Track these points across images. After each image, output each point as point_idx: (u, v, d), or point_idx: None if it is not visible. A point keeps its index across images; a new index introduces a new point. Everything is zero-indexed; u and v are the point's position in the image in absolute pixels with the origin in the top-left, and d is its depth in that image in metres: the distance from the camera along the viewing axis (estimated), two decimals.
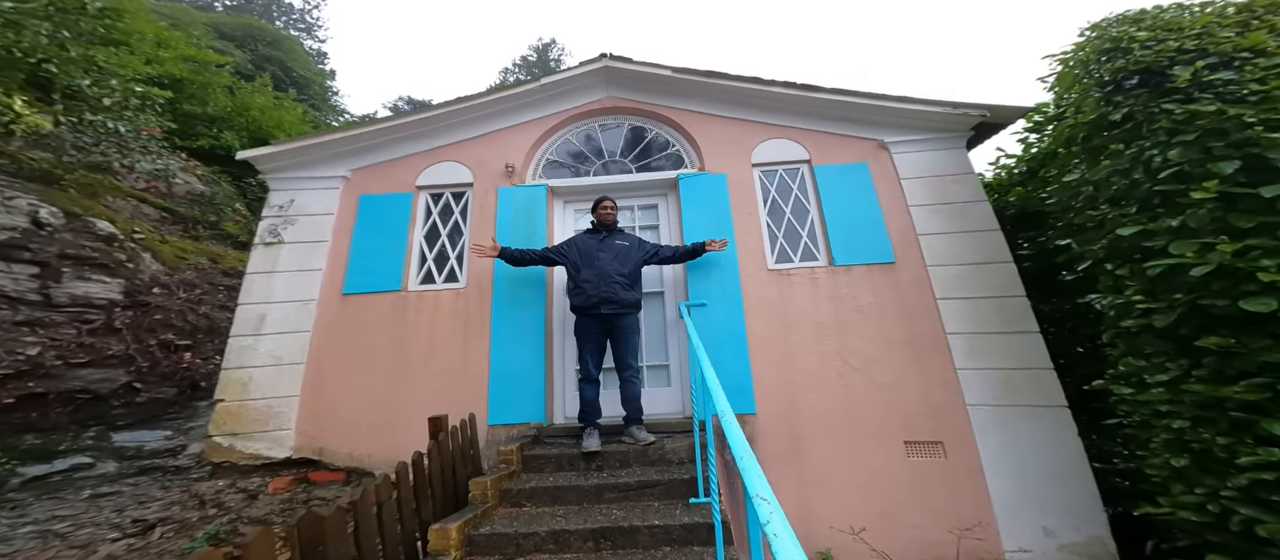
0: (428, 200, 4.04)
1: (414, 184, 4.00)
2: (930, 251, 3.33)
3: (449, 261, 3.87)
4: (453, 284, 3.78)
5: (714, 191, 3.81)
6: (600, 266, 3.15)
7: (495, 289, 3.69)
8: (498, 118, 4.17)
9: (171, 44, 8.07)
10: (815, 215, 3.69)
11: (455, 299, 3.67)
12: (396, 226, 3.83)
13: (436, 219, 3.99)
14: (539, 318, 3.60)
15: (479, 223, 3.88)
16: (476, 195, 3.97)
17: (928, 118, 3.59)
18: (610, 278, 3.12)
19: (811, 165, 3.78)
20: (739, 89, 3.88)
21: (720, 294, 3.54)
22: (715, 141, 3.98)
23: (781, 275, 3.54)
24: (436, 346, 3.55)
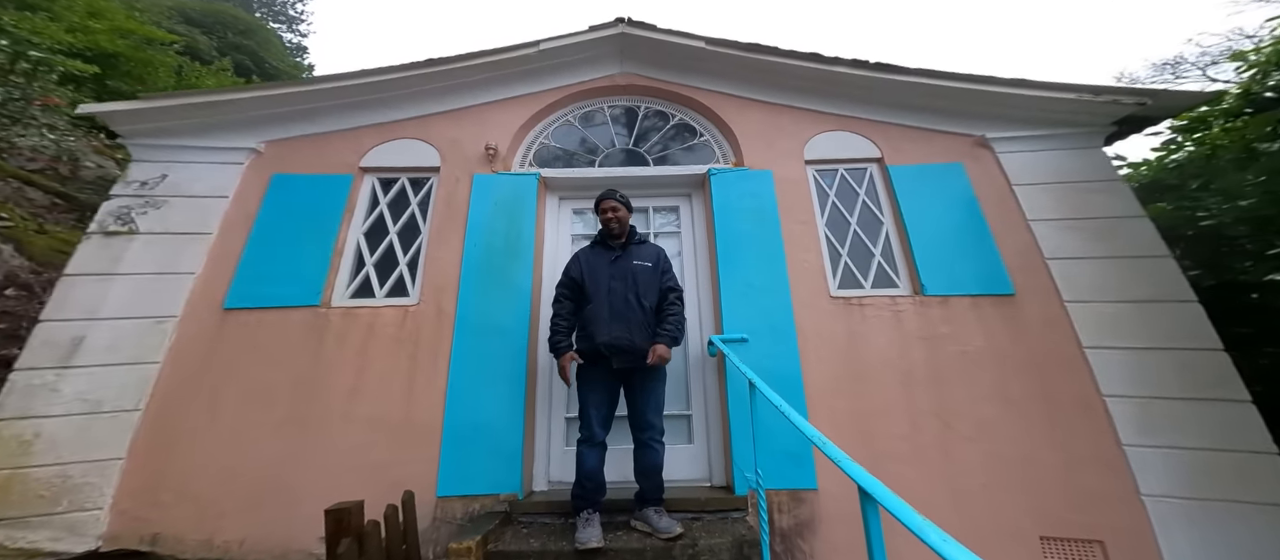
0: (374, 186, 3.04)
1: (357, 165, 3.00)
2: (1067, 281, 2.47)
3: (398, 268, 2.83)
4: (399, 299, 2.73)
5: (757, 192, 2.92)
6: (611, 298, 2.20)
7: (461, 306, 2.65)
8: (479, 89, 3.25)
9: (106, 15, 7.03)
10: (892, 228, 2.83)
11: (402, 320, 2.61)
12: (324, 218, 2.79)
13: (384, 211, 2.98)
14: (519, 347, 2.58)
15: (443, 219, 2.88)
16: (443, 183, 2.99)
17: (1052, 108, 2.79)
18: (625, 314, 2.17)
19: (884, 165, 2.95)
20: (790, 68, 3.08)
21: (766, 327, 2.59)
22: (757, 132, 3.13)
23: (849, 305, 2.62)
24: (367, 386, 2.46)
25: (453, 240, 2.81)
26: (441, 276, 2.72)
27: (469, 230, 2.83)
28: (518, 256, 2.80)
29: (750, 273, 2.73)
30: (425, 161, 3.06)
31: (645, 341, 2.14)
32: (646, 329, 2.17)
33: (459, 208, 2.90)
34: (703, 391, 2.73)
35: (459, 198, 2.93)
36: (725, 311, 2.65)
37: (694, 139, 3.31)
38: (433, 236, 2.83)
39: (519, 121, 3.22)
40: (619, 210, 2.36)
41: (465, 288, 2.70)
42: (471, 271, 2.75)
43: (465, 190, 2.96)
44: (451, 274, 2.73)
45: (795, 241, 2.79)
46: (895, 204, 2.82)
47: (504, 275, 2.75)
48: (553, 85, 3.33)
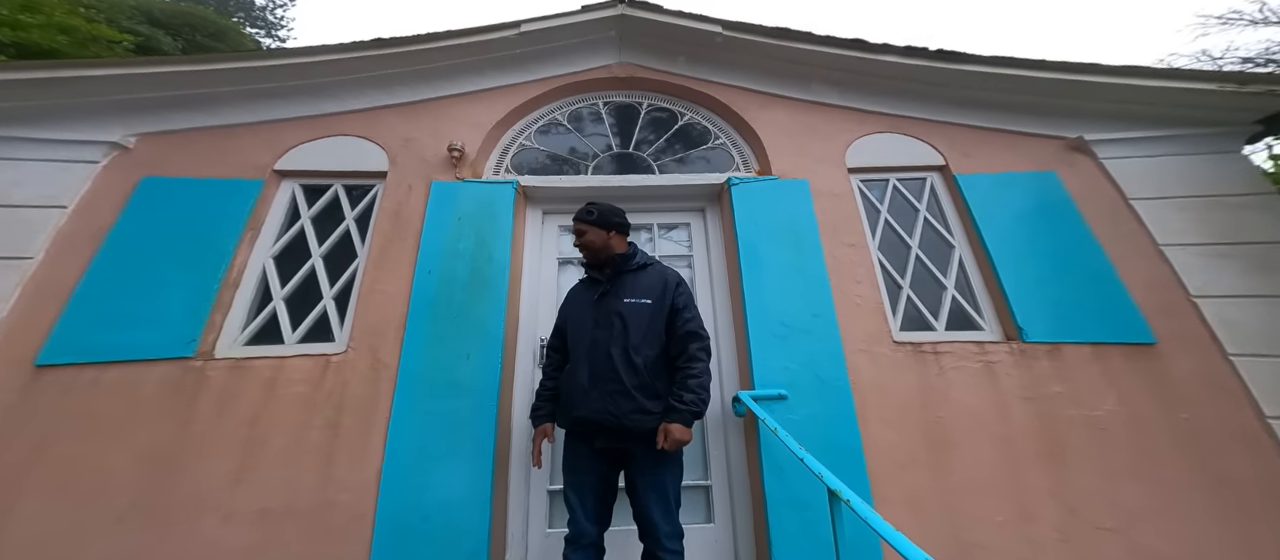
0: (296, 195, 2.36)
1: (271, 167, 2.32)
2: (1228, 328, 1.87)
3: (320, 303, 2.13)
4: (319, 345, 2.02)
5: (790, 206, 2.31)
6: (592, 355, 1.57)
7: (407, 356, 1.96)
8: (443, 79, 2.63)
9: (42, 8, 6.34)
10: (967, 254, 2.23)
11: (320, 375, 1.90)
12: (213, 237, 2.09)
13: (307, 226, 2.29)
14: (486, 409, 1.89)
15: (389, 238, 2.21)
16: (390, 193, 2.32)
17: (1176, 102, 2.23)
18: (606, 377, 1.52)
19: (949, 173, 2.37)
20: (826, 57, 2.52)
21: (810, 380, 1.94)
22: (786, 134, 2.54)
23: (920, 353, 1.98)
24: (261, 465, 1.74)
25: (399, 266, 2.13)
26: (381, 315, 2.03)
27: (422, 253, 2.16)
28: (486, 288, 2.12)
29: (786, 309, 2.09)
30: (368, 164, 2.39)
31: (639, 414, 1.47)
32: (642, 396, 1.48)
33: (410, 223, 2.23)
34: (725, 457, 2.04)
35: (411, 211, 2.26)
36: (755, 360, 1.99)
37: (707, 142, 2.71)
38: (372, 261, 2.14)
39: (494, 118, 2.59)
40: (587, 233, 1.69)
41: (414, 330, 2.01)
42: (423, 308, 2.06)
43: (420, 201, 2.29)
44: (395, 311, 2.04)
45: (843, 269, 2.17)
46: (970, 223, 2.22)
47: (468, 313, 2.06)
48: (537, 76, 2.73)
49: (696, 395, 1.49)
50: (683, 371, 1.54)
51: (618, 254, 1.70)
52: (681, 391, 1.49)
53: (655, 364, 1.55)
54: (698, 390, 1.50)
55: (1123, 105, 2.27)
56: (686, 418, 1.47)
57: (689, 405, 1.47)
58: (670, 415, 1.47)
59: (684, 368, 1.55)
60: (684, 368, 1.55)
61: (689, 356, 1.56)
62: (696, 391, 1.50)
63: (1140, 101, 2.24)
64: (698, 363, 1.56)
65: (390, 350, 1.96)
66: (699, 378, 1.53)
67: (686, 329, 1.60)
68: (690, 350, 1.57)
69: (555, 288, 2.39)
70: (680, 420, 1.46)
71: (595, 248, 1.69)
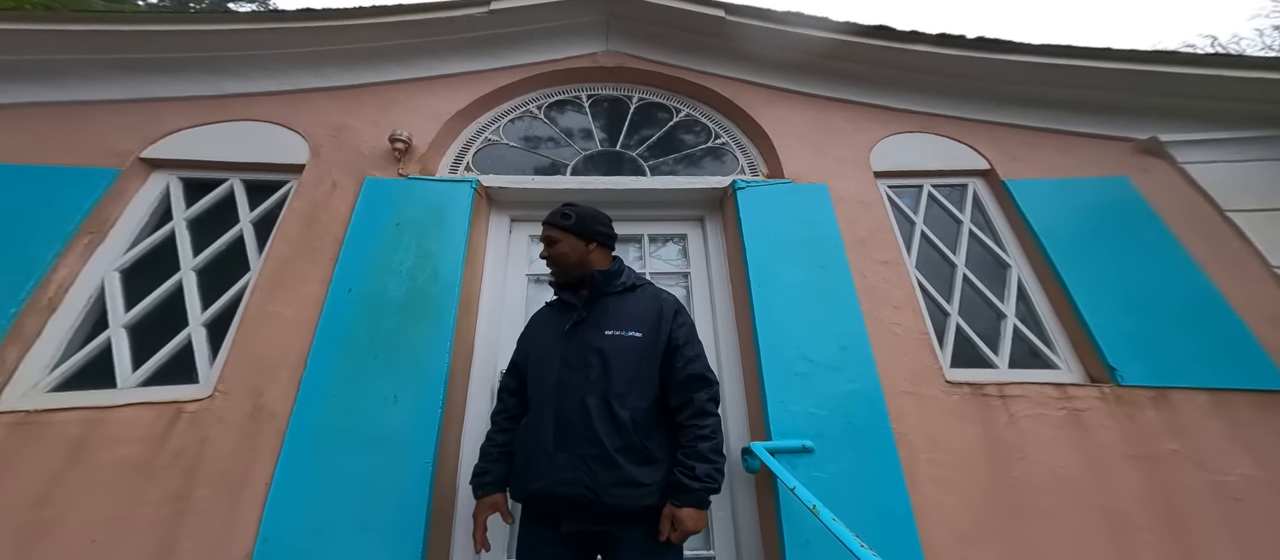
0: (171, 190, 1.86)
1: (136, 154, 1.83)
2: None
3: (185, 332, 1.61)
4: (173, 388, 1.50)
5: (808, 215, 1.91)
6: (560, 401, 1.14)
7: (304, 399, 1.46)
8: (390, 60, 2.21)
9: None
10: (1027, 274, 1.82)
11: (165, 429, 1.38)
12: (25, 243, 1.57)
13: (180, 231, 1.78)
14: (417, 467, 1.40)
15: (297, 247, 1.72)
16: (306, 189, 1.85)
17: (1276, 98, 1.88)
18: (577, 434, 1.09)
19: (997, 179, 1.99)
20: (846, 47, 2.18)
21: (841, 425, 1.49)
22: (799, 133, 2.17)
23: (982, 397, 1.55)
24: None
25: (307, 283, 1.64)
26: (273, 346, 1.53)
27: (341, 267, 1.68)
28: (428, 311, 1.64)
29: (808, 340, 1.65)
30: (280, 155, 1.92)
31: (625, 488, 1.04)
32: (628, 462, 1.06)
33: (328, 229, 1.75)
34: (732, 524, 1.57)
35: (331, 213, 1.79)
36: (771, 403, 1.53)
37: (707, 141, 2.32)
38: (269, 276, 1.65)
39: (453, 107, 2.17)
40: (558, 241, 1.29)
41: (319, 365, 1.51)
42: (335, 337, 1.57)
43: (346, 201, 1.82)
44: (295, 341, 1.54)
45: (876, 292, 1.75)
46: (1029, 237, 1.83)
47: (399, 344, 1.58)
48: (508, 63, 2.33)
49: (712, 465, 1.06)
50: (690, 431, 1.10)
51: (598, 271, 1.28)
52: (692, 461, 1.06)
53: (646, 418, 1.12)
54: (713, 457, 1.07)
55: (1207, 101, 1.94)
56: (701, 498, 1.03)
57: (704, 482, 1.04)
58: (677, 496, 1.04)
59: (691, 426, 1.10)
60: (691, 426, 1.10)
61: (696, 410, 1.12)
62: (712, 459, 1.06)
63: (1229, 97, 1.91)
64: (708, 418, 1.12)
65: (281, 392, 1.45)
66: (712, 440, 1.09)
67: (690, 372, 1.16)
68: (697, 401, 1.13)
69: (524, 312, 1.92)
70: (692, 502, 1.02)
71: (568, 263, 1.27)
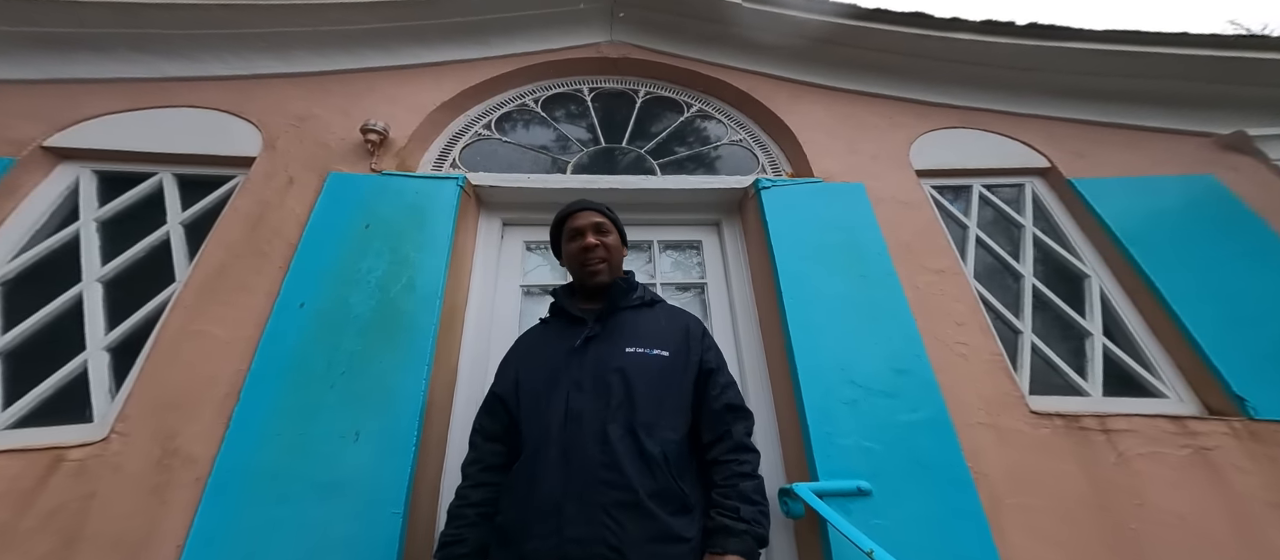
0: (82, 186, 1.56)
1: (37, 141, 1.53)
2: None
3: (81, 356, 1.29)
4: (57, 430, 1.19)
5: (843, 216, 1.64)
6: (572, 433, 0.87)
7: (233, 439, 1.15)
8: (366, 44, 1.97)
9: None
10: (1111, 285, 1.55)
11: (35, 484, 1.06)
12: None
13: (86, 234, 1.48)
14: (384, 519, 1.08)
15: (236, 253, 1.43)
16: (254, 186, 1.56)
17: None
18: (602, 475, 0.82)
19: (1060, 178, 1.75)
20: (877, 35, 1.97)
21: (903, 463, 1.20)
22: (827, 129, 1.93)
23: (1079, 431, 1.26)
24: None
25: (248, 296, 1.34)
26: (198, 372, 1.22)
27: (293, 276, 1.38)
28: (402, 329, 1.35)
29: (856, 363, 1.36)
30: (227, 147, 1.64)
31: (664, 544, 0.80)
32: (664, 510, 0.82)
33: (280, 232, 1.46)
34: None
35: (285, 213, 1.50)
36: (815, 436, 1.23)
37: (721, 139, 2.08)
38: (198, 288, 1.34)
39: (439, 98, 1.92)
40: (606, 230, 1.13)
41: (257, 396, 1.20)
42: (280, 360, 1.26)
43: (304, 199, 1.54)
44: (226, 366, 1.23)
45: (932, 306, 1.47)
46: (1109, 242, 1.57)
47: (364, 368, 1.28)
48: (502, 52, 2.10)
49: (757, 507, 0.86)
50: (728, 468, 0.89)
51: (620, 279, 1.10)
52: (735, 501, 0.84)
53: (679, 455, 0.89)
54: (757, 498, 0.87)
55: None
56: (749, 544, 0.81)
57: (750, 525, 0.82)
58: (720, 542, 0.81)
59: (729, 462, 0.90)
60: (729, 462, 0.90)
61: (735, 444, 0.92)
62: (756, 500, 0.86)
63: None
64: (749, 454, 0.92)
65: (203, 431, 1.13)
66: (755, 479, 0.89)
67: (726, 401, 0.95)
68: (735, 434, 0.92)
69: (517, 330, 1.62)
70: (740, 549, 0.80)
71: (615, 261, 1.11)
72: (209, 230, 1.45)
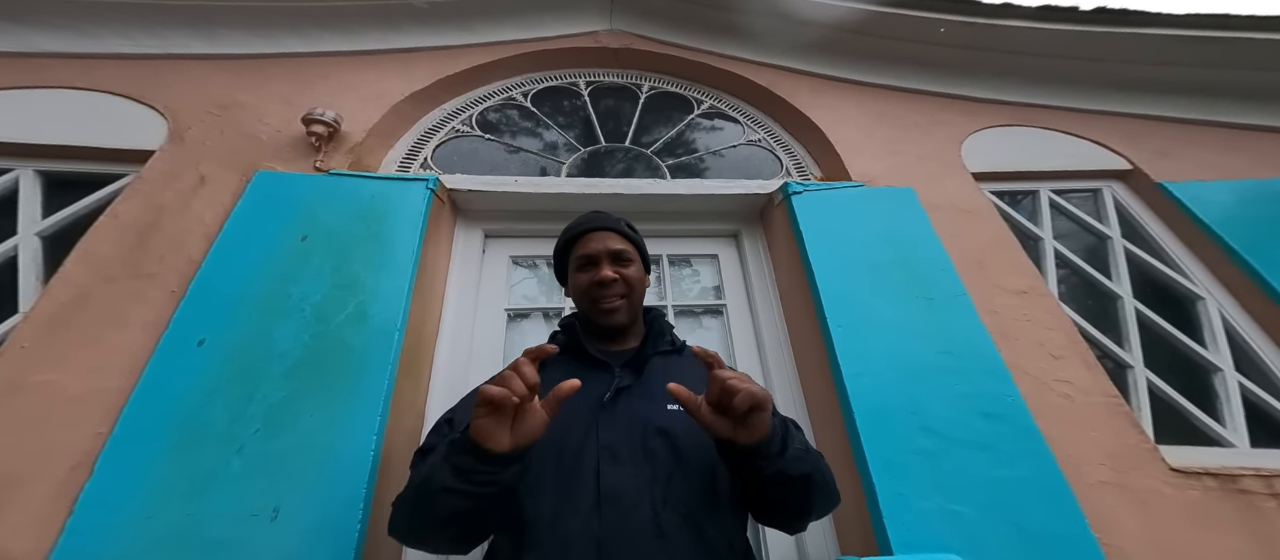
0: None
1: None
2: None
3: None
4: None
5: (892, 226, 1.36)
6: (611, 517, 0.58)
7: (75, 531, 0.81)
8: (319, 25, 1.66)
9: None
10: (1233, 310, 1.27)
11: None
12: None
13: None
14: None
15: (108, 275, 1.09)
16: (146, 188, 1.21)
17: None
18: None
19: (1148, 181, 1.49)
20: (917, 24, 1.73)
21: (1005, 531, 0.89)
22: (863, 127, 1.67)
23: (1239, 493, 0.96)
24: None
25: (120, 330, 1.00)
26: (29, 440, 0.87)
27: (191, 302, 1.05)
28: (345, 369, 1.03)
29: (927, 404, 1.06)
30: (114, 138, 1.30)
31: None
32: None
33: (180, 245, 1.13)
34: None
35: (189, 221, 1.17)
36: (882, 494, 0.93)
37: (738, 139, 1.81)
38: (47, 320, 1.00)
39: (408, 88, 1.62)
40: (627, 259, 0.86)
41: (118, 469, 0.87)
42: (161, 417, 0.93)
43: (218, 205, 1.21)
44: (76, 431, 0.89)
45: (1017, 333, 1.17)
46: (1222, 257, 1.29)
47: (286, 423, 0.95)
48: (486, 38, 1.83)
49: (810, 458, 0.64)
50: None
51: (654, 316, 0.88)
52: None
53: (747, 547, 0.68)
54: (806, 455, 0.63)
55: None
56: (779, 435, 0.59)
57: (794, 449, 0.60)
58: None
59: None
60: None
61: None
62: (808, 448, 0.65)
63: None
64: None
65: (32, 520, 0.79)
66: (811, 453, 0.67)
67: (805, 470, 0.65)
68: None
69: (502, 362, 1.31)
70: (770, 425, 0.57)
71: (637, 296, 0.86)
72: (66, 250, 1.10)
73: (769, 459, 0.57)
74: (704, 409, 0.57)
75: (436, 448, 0.69)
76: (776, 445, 0.58)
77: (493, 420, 0.50)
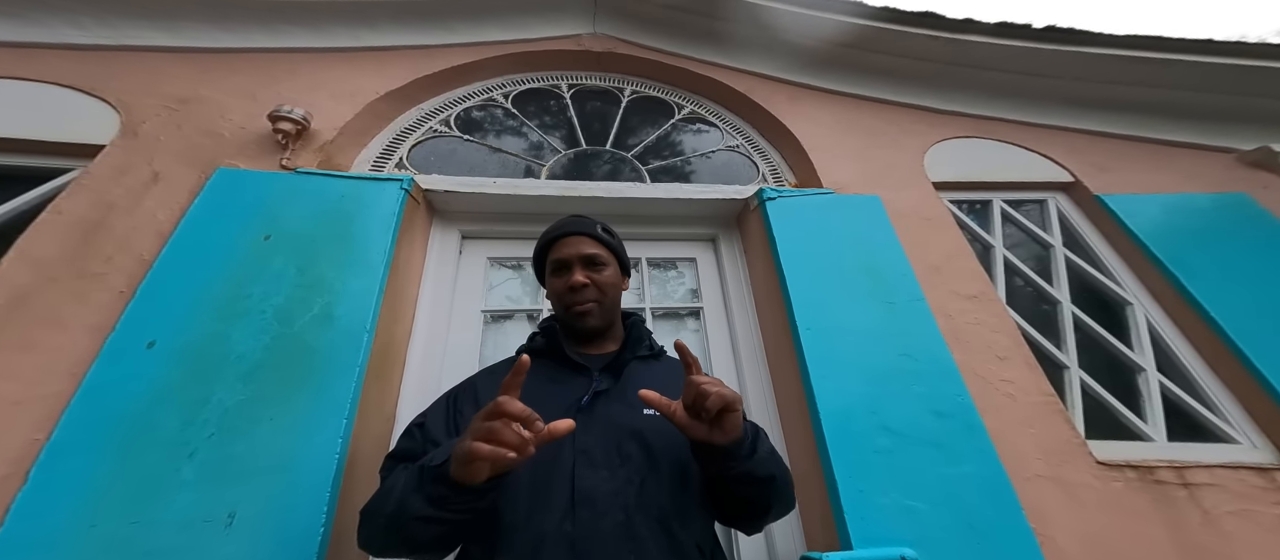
0: None
1: None
2: None
3: None
4: None
5: (861, 233, 1.44)
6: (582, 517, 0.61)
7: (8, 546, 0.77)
8: (290, 21, 1.62)
9: None
10: (1156, 314, 1.40)
11: None
12: None
13: None
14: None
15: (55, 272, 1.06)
16: (94, 183, 1.17)
17: None
18: None
19: (1088, 193, 1.61)
20: (886, 37, 1.80)
21: (952, 525, 0.97)
22: (832, 136, 1.74)
23: (1154, 484, 1.07)
24: None
25: (62, 332, 0.98)
26: None
27: (141, 302, 1.03)
28: (310, 372, 1.02)
29: (886, 404, 1.14)
30: (59, 131, 1.24)
31: None
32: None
33: (126, 246, 1.10)
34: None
35: (140, 219, 1.14)
36: (843, 491, 1.00)
37: (717, 145, 1.85)
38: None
39: (384, 86, 1.60)
40: (601, 263, 0.89)
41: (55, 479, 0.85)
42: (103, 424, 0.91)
43: (172, 203, 1.18)
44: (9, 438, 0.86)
45: (968, 336, 1.27)
46: (1148, 265, 1.42)
47: (243, 427, 0.94)
48: (467, 38, 1.81)
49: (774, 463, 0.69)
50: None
51: (633, 320, 0.91)
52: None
53: (716, 550, 0.72)
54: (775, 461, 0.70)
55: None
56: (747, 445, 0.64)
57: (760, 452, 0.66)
58: None
59: None
60: None
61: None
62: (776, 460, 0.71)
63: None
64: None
65: None
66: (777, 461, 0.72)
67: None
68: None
69: (479, 364, 1.32)
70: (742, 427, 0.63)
71: (611, 300, 0.88)
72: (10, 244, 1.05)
73: (739, 460, 0.62)
74: (679, 412, 0.61)
75: (408, 457, 0.71)
76: (747, 447, 0.63)
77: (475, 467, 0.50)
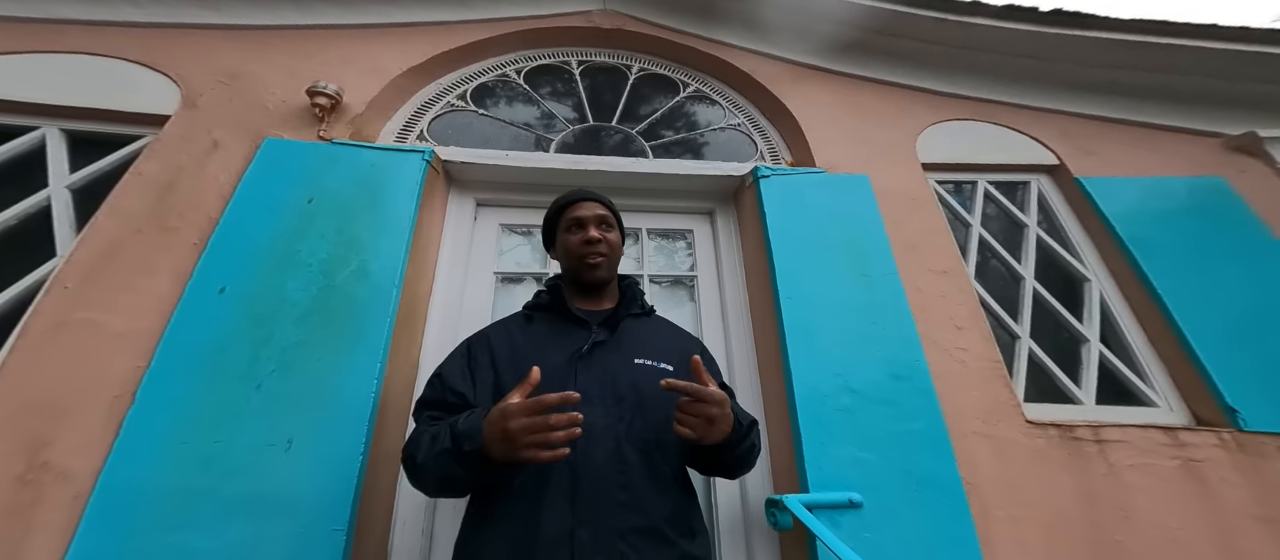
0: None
1: None
2: None
3: None
4: None
5: (847, 211, 1.55)
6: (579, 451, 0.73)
7: (122, 451, 0.99)
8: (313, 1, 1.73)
9: None
10: (1111, 290, 1.52)
11: None
12: None
13: None
14: (325, 542, 0.95)
15: (136, 226, 1.25)
16: (166, 148, 1.36)
17: None
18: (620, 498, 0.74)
19: (1068, 176, 1.69)
20: (893, 18, 1.83)
21: (897, 474, 1.16)
22: (830, 116, 1.82)
23: (1073, 441, 1.24)
24: None
25: (150, 277, 1.18)
26: (77, 371, 1.07)
27: (211, 254, 1.21)
28: (349, 320, 1.20)
29: (853, 367, 1.30)
30: (134, 101, 1.42)
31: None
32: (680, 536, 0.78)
33: (198, 203, 1.29)
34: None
35: (205, 181, 1.32)
36: (806, 444, 1.18)
37: (719, 123, 1.94)
38: (85, 266, 1.17)
39: (406, 63, 1.72)
40: (610, 225, 1.04)
41: (156, 399, 1.05)
42: (191, 355, 1.10)
43: (231, 168, 1.35)
44: (118, 365, 1.08)
45: (934, 309, 1.41)
46: (1113, 245, 1.52)
47: (298, 365, 1.13)
48: (482, 15, 1.89)
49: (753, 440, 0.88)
50: None
51: (628, 280, 1.05)
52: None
53: (686, 480, 0.88)
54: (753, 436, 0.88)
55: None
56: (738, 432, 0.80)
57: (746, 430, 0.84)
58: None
59: None
60: None
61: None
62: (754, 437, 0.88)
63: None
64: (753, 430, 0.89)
65: (84, 441, 0.99)
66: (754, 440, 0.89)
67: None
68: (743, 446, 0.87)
69: (490, 319, 1.50)
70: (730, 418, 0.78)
71: (616, 259, 1.03)
72: (100, 199, 1.25)
73: (728, 449, 0.79)
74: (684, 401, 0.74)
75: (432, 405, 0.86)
76: (735, 439, 0.78)
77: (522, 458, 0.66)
